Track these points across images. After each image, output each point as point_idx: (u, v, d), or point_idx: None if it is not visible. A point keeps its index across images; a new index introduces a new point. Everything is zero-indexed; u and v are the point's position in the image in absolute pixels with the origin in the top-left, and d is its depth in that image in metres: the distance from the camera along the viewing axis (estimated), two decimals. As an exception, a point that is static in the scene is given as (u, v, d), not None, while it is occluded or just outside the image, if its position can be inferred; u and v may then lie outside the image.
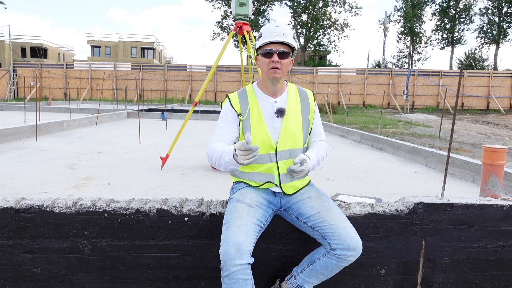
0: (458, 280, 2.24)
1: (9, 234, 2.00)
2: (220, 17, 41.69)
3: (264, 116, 1.99)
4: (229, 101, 2.05)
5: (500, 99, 31.57)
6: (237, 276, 1.66)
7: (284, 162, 1.99)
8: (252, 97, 2.03)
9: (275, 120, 1.99)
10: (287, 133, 1.98)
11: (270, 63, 1.91)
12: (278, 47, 1.91)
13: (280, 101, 2.02)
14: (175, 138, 5.88)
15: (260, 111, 2.00)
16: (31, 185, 4.72)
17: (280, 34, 1.90)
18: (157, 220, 2.04)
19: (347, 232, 1.79)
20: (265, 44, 1.93)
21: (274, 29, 1.91)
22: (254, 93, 2.05)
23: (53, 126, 10.20)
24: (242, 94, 2.06)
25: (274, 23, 1.96)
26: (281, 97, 2.03)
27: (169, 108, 21.63)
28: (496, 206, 2.20)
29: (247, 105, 2.02)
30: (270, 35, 1.91)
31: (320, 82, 32.06)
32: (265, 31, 1.94)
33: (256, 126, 1.99)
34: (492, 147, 3.86)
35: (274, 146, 1.98)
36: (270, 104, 2.01)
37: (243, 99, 2.04)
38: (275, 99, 2.02)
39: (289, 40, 1.91)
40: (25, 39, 43.28)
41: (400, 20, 43.39)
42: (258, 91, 2.05)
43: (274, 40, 1.89)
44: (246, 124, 2.00)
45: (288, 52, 1.93)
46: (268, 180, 1.99)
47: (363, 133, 9.98)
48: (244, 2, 5.50)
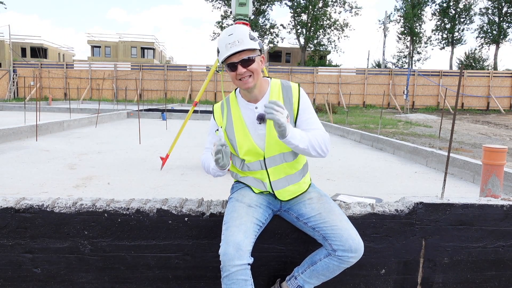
0: (458, 280, 2.24)
1: (9, 234, 2.00)
2: (220, 17, 41.69)
3: (247, 124, 1.94)
4: (213, 113, 2.08)
5: (500, 99, 31.57)
6: (236, 276, 1.66)
7: (274, 168, 1.94)
8: (234, 105, 2.00)
9: (258, 127, 1.91)
10: (273, 139, 1.90)
11: (237, 75, 1.82)
12: (239, 57, 1.80)
13: (261, 106, 1.91)
14: (175, 138, 5.88)
15: (243, 120, 1.95)
16: (31, 185, 4.72)
17: (234, 43, 1.78)
18: (157, 220, 2.04)
19: (349, 234, 1.79)
20: (225, 59, 1.82)
21: (227, 40, 1.80)
22: (236, 101, 2.00)
23: (53, 126, 10.20)
24: (223, 105, 2.05)
25: (226, 30, 1.84)
26: (262, 101, 1.93)
27: (169, 108, 21.63)
28: (496, 206, 2.20)
29: (229, 114, 1.99)
30: (226, 49, 1.80)
31: (320, 82, 32.05)
32: (220, 45, 1.84)
33: (241, 136, 1.95)
34: (492, 147, 3.86)
35: (262, 153, 1.93)
36: (251, 110, 1.93)
37: (225, 110, 2.02)
38: (256, 105, 1.93)
39: (246, 46, 1.79)
40: (25, 39, 43.27)
41: (400, 20, 43.40)
42: (240, 98, 1.99)
43: (230, 53, 1.78)
44: (230, 135, 1.98)
45: (251, 57, 1.81)
46: (262, 189, 1.98)
47: (363, 133, 9.98)
48: (244, 2, 5.50)
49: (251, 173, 1.99)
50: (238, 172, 2.06)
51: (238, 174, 2.06)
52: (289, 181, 1.97)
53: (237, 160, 2.02)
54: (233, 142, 1.98)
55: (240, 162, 2.00)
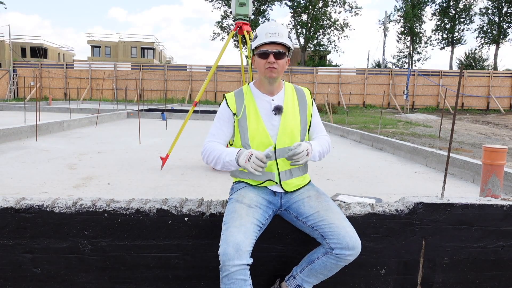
0: (458, 280, 2.24)
1: (9, 234, 2.00)
2: (220, 17, 41.70)
3: (262, 114, 2.00)
4: (225, 100, 2.06)
5: (500, 99, 31.57)
6: (235, 276, 1.66)
7: (283, 160, 2.00)
8: (248, 96, 2.04)
9: (273, 117, 2.00)
10: (285, 131, 1.99)
11: (266, 64, 1.92)
12: (273, 48, 1.91)
13: (277, 99, 2.04)
14: (175, 138, 5.88)
15: (257, 110, 2.01)
16: (31, 185, 4.72)
17: (275, 34, 1.90)
18: (157, 220, 2.04)
19: (346, 231, 1.80)
20: (260, 45, 1.93)
21: (269, 30, 1.91)
22: (251, 92, 2.05)
23: (53, 126, 10.20)
24: (238, 94, 2.07)
25: (269, 23, 1.96)
26: (278, 96, 2.05)
27: (169, 108, 21.63)
28: (496, 206, 2.20)
29: (243, 104, 2.02)
30: (265, 36, 1.91)
31: (320, 82, 32.05)
32: (260, 32, 1.95)
33: (254, 125, 1.99)
34: (492, 147, 3.86)
35: (273, 144, 1.98)
36: (267, 102, 2.02)
37: (239, 99, 2.05)
38: (272, 97, 2.03)
39: (284, 41, 1.91)
40: (25, 39, 43.29)
41: (400, 20, 43.39)
42: (255, 90, 2.06)
43: (269, 41, 1.90)
44: (243, 124, 2.01)
45: (284, 52, 1.94)
46: (268, 178, 1.99)
47: (363, 133, 9.98)
48: (244, 2, 5.50)
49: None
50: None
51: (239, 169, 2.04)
52: (294, 174, 2.04)
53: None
54: (244, 130, 2.00)
55: None
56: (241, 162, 1.84)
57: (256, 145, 1.98)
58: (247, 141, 2.00)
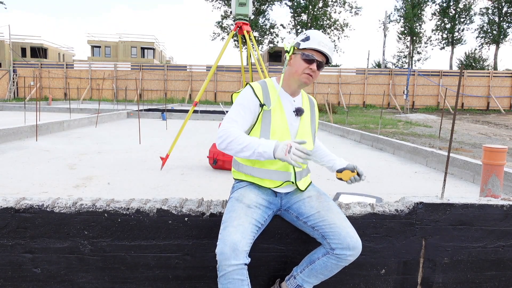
0: (458, 280, 2.24)
1: (9, 234, 2.00)
2: (220, 17, 41.69)
3: (286, 111, 2.02)
4: (252, 89, 1.98)
5: (500, 99, 31.57)
6: (232, 276, 1.66)
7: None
8: (273, 92, 2.03)
9: (293, 118, 2.03)
10: (304, 133, 2.04)
11: (307, 69, 1.94)
12: (320, 57, 1.96)
13: (298, 102, 2.09)
14: (175, 138, 5.88)
15: (282, 107, 2.01)
16: (31, 185, 4.72)
17: (326, 46, 1.95)
18: (157, 220, 2.04)
19: (347, 232, 1.80)
20: (310, 49, 1.94)
21: (323, 39, 1.95)
22: (276, 89, 2.04)
23: (53, 126, 10.20)
24: (264, 86, 2.03)
25: (322, 33, 2.00)
26: (297, 98, 2.09)
27: (169, 108, 21.63)
28: (496, 206, 2.20)
29: (270, 97, 2.00)
30: (318, 44, 1.93)
31: (320, 82, 32.05)
32: (313, 37, 1.94)
33: (277, 121, 1.98)
34: (492, 147, 3.86)
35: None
36: (290, 102, 2.04)
37: (266, 91, 2.02)
38: (293, 98, 2.06)
39: (331, 54, 1.97)
40: (25, 39, 43.26)
41: (400, 20, 43.40)
42: (279, 87, 2.05)
43: (320, 50, 1.93)
44: (267, 116, 1.96)
45: (324, 65, 2.00)
46: (286, 179, 1.97)
47: (363, 133, 9.98)
48: (244, 2, 5.50)
49: (271, 163, 1.95)
50: (252, 164, 1.97)
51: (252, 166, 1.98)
52: (303, 175, 2.07)
53: None
54: (267, 123, 1.95)
55: None
56: (280, 155, 1.72)
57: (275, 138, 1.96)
58: (267, 134, 1.94)
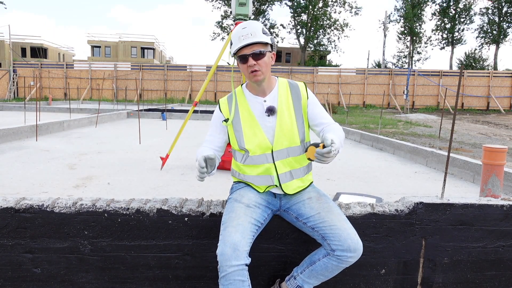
0: (458, 280, 2.24)
1: (9, 234, 2.00)
2: (220, 17, 41.72)
3: (256, 116, 1.96)
4: (219, 106, 2.06)
5: (500, 99, 31.56)
6: (233, 277, 1.66)
7: (282, 161, 1.96)
8: (241, 99, 2.01)
9: (267, 119, 1.95)
10: (282, 132, 1.94)
11: (248, 68, 1.87)
12: (250, 49, 1.85)
13: (270, 99, 1.97)
14: (175, 138, 5.88)
15: (251, 112, 1.97)
16: (31, 185, 4.72)
17: (248, 35, 1.84)
18: (157, 220, 2.04)
19: (348, 233, 1.79)
20: (237, 50, 1.88)
21: (241, 32, 1.86)
22: (244, 95, 2.02)
23: (53, 126, 10.20)
24: (230, 98, 2.05)
25: (241, 24, 1.90)
26: (270, 95, 1.98)
27: (169, 108, 21.62)
28: (496, 206, 2.20)
29: (236, 108, 2.00)
30: (239, 40, 1.86)
31: (320, 82, 32.05)
32: (234, 37, 1.90)
33: (249, 128, 1.96)
34: (492, 147, 3.86)
35: (270, 146, 1.94)
36: (260, 103, 1.97)
37: (232, 103, 2.02)
38: (264, 98, 1.97)
39: (259, 39, 1.85)
40: (25, 39, 43.24)
41: (400, 20, 43.41)
42: (247, 92, 2.02)
43: (243, 45, 1.84)
44: (237, 127, 1.98)
45: (262, 51, 1.86)
46: (268, 184, 1.96)
47: (363, 133, 9.98)
48: (244, 2, 5.50)
49: (254, 167, 1.97)
50: (239, 170, 2.03)
51: (239, 172, 2.04)
52: (294, 176, 1.98)
53: (238, 154, 2.01)
54: (239, 134, 1.97)
55: (242, 155, 1.99)
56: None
57: (253, 148, 1.95)
58: (243, 144, 1.96)
